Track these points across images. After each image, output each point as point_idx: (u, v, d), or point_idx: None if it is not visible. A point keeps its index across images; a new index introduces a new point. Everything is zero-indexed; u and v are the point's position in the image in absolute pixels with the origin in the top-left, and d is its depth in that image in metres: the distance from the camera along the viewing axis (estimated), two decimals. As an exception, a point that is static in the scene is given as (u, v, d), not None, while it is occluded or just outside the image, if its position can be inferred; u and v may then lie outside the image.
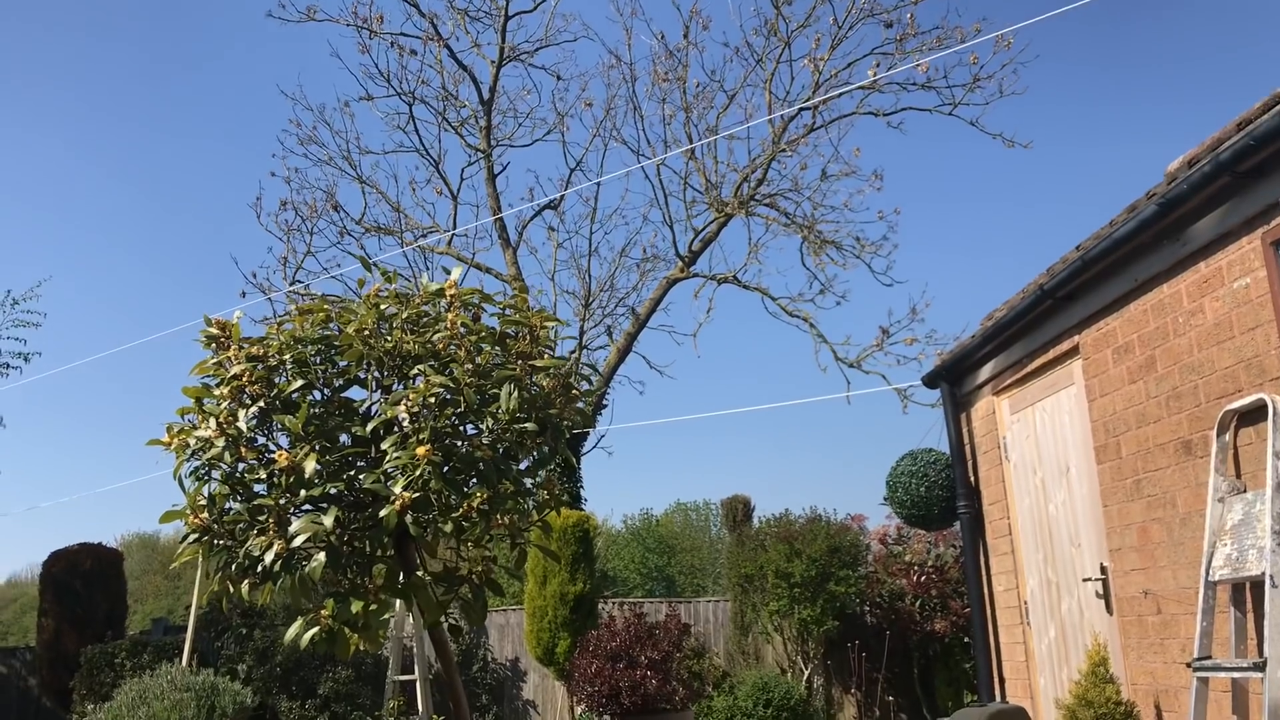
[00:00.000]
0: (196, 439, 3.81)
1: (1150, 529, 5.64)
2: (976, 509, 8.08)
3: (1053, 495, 6.91)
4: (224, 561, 3.81)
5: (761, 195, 17.41)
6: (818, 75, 16.82)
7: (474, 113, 18.41)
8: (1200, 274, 5.16)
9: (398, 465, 3.61)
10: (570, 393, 4.07)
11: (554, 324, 4.17)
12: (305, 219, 18.01)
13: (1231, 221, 4.87)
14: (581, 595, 11.97)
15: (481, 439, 3.79)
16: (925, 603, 12.03)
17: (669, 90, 17.69)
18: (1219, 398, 5.01)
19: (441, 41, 17.78)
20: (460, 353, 3.90)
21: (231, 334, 3.94)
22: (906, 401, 16.32)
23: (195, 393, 3.91)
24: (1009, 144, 16.33)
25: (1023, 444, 7.33)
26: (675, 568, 35.75)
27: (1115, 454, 5.98)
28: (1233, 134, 4.77)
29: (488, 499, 3.66)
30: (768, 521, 13.00)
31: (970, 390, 8.18)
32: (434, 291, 4.16)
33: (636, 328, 17.92)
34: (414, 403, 3.70)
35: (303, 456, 3.62)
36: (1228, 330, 4.94)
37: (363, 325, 3.95)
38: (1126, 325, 5.85)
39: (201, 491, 3.85)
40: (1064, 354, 6.61)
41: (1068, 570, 6.71)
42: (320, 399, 4.04)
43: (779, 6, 17.02)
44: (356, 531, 3.83)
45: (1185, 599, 5.30)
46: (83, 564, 14.16)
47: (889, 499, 8.75)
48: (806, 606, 11.61)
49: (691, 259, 17.80)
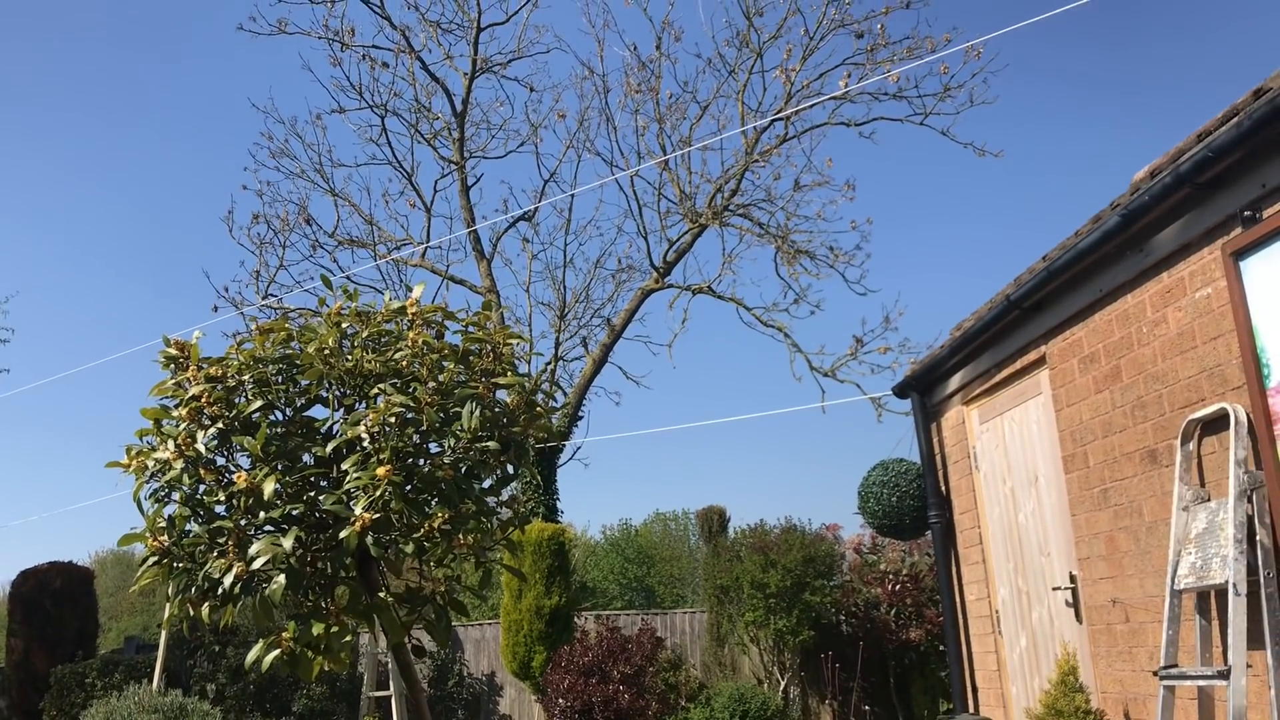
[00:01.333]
0: (155, 460, 3.77)
1: (1117, 538, 5.66)
2: (948, 518, 8.11)
3: (1022, 504, 6.94)
4: (184, 584, 3.76)
5: (735, 206, 17.47)
6: (789, 86, 16.91)
7: (447, 125, 18.41)
8: (1163, 284, 5.20)
9: (358, 485, 3.58)
10: (534, 410, 4.05)
11: (516, 340, 4.15)
12: (277, 232, 17.95)
13: (1192, 232, 4.90)
14: (557, 609, 11.93)
15: (443, 458, 3.77)
16: (900, 611, 12.06)
17: (642, 101, 17.76)
18: (1183, 407, 5.04)
19: (414, 54, 17.77)
20: (422, 371, 3.88)
21: (190, 355, 3.91)
22: (881, 410, 16.38)
23: (154, 414, 3.87)
24: (980, 153, 16.49)
25: (992, 453, 7.36)
26: (655, 578, 35.72)
27: (1083, 463, 6.01)
28: (1193, 145, 4.81)
29: (449, 519, 3.63)
30: (743, 532, 13.01)
31: (940, 400, 8.20)
32: (396, 309, 4.14)
33: (612, 339, 17.93)
34: (375, 422, 3.67)
35: (262, 478, 3.59)
36: (1190, 340, 4.98)
37: (323, 344, 3.92)
38: (1092, 335, 5.88)
39: (161, 513, 3.80)
40: (1031, 364, 6.64)
41: (1038, 579, 6.73)
42: (281, 419, 4.00)
43: (750, 18, 17.11)
44: (318, 553, 3.79)
45: (1152, 607, 5.32)
46: (52, 583, 14.01)
47: (861, 509, 8.77)
48: (782, 617, 11.61)
49: (666, 270, 17.83)
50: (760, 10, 17.09)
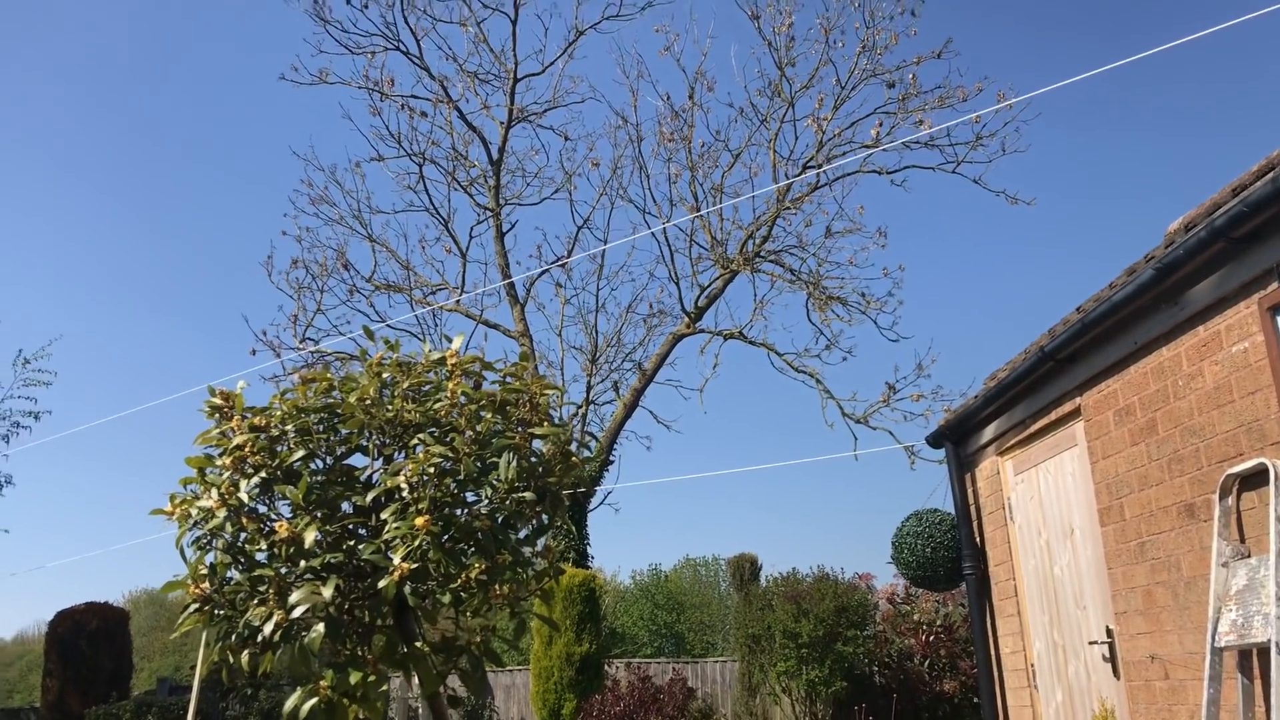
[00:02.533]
0: (199, 509, 3.83)
1: (1155, 592, 5.60)
2: (982, 570, 8.04)
3: (1058, 557, 6.88)
4: (224, 631, 3.81)
5: (767, 252, 17.56)
6: (821, 134, 17.04)
7: (483, 172, 18.66)
8: (1199, 337, 5.18)
9: (397, 535, 3.63)
10: (569, 460, 4.10)
11: (553, 391, 4.20)
12: (316, 277, 18.19)
13: (1228, 286, 4.90)
14: (587, 656, 11.89)
15: (480, 508, 3.81)
16: (934, 663, 11.93)
17: (674, 150, 17.95)
18: (1220, 461, 5.01)
19: (451, 104, 18.07)
20: (460, 421, 3.94)
21: (235, 404, 3.98)
22: (914, 458, 16.29)
23: (198, 463, 3.94)
24: (1013, 201, 16.51)
25: (1027, 505, 7.31)
26: (684, 625, 35.45)
27: (1119, 516, 5.97)
28: (1228, 199, 4.81)
29: (486, 569, 3.67)
30: (775, 580, 12.94)
31: (974, 450, 8.17)
32: (435, 360, 4.20)
33: (643, 383, 17.98)
34: (414, 472, 3.73)
35: (303, 527, 3.64)
36: (1228, 394, 4.95)
37: (364, 394, 3.99)
38: (1127, 387, 5.86)
39: (203, 561, 3.87)
40: (1066, 415, 6.62)
41: (1074, 633, 6.65)
42: (322, 467, 4.07)
43: (783, 68, 17.29)
44: (356, 601, 3.84)
45: (1192, 664, 5.25)
46: (88, 624, 14.12)
47: (895, 559, 8.72)
48: (814, 667, 11.51)
49: (698, 315, 17.89)
50: (793, 60, 17.29)
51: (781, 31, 17.18)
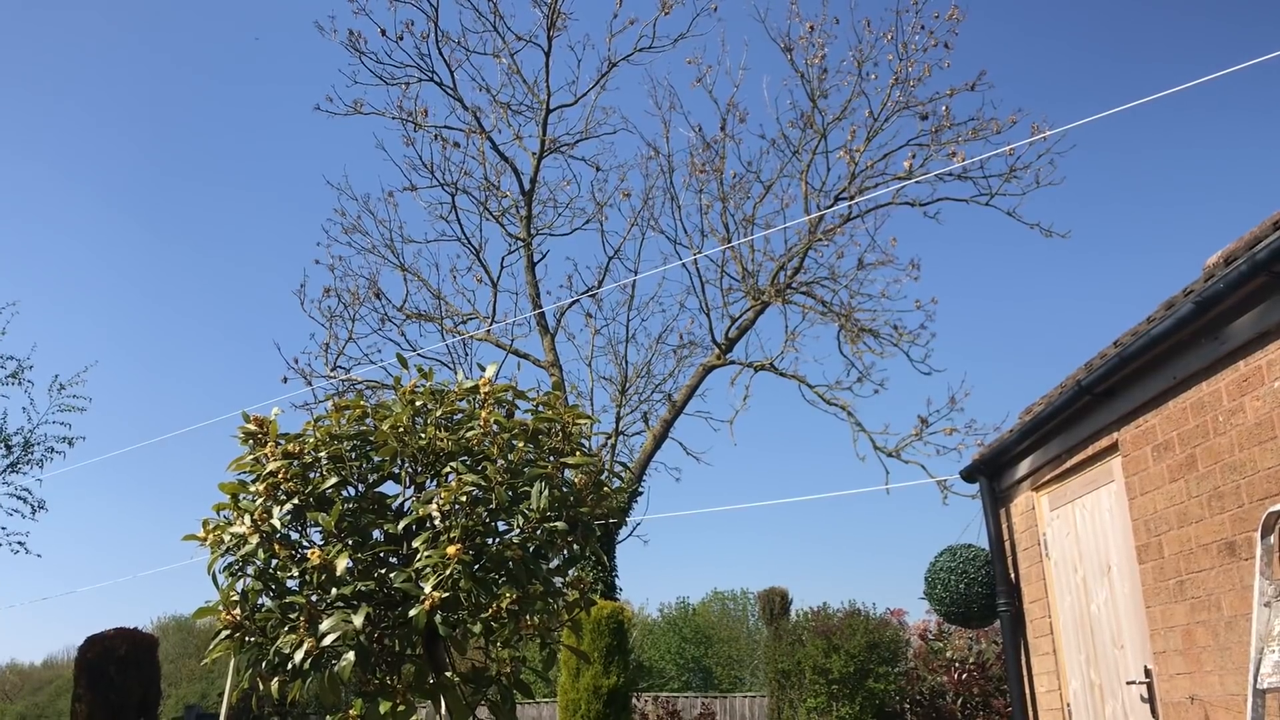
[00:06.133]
0: (231, 535, 3.84)
1: (1195, 632, 5.49)
2: (1017, 607, 7.92)
3: (1094, 594, 6.77)
4: (254, 658, 3.81)
5: (798, 283, 17.51)
6: (854, 166, 17.02)
7: (515, 202, 18.76)
8: (1240, 372, 5.11)
9: (429, 564, 3.62)
10: (601, 490, 4.08)
11: (585, 421, 4.19)
12: (348, 305, 18.31)
13: (1270, 320, 4.82)
14: (615, 689, 11.80)
15: (512, 537, 3.79)
16: (967, 701, 11.74)
17: (706, 181, 17.97)
18: (1262, 499, 4.91)
19: (484, 134, 18.21)
20: (493, 449, 3.93)
21: (269, 431, 4.00)
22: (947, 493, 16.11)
23: (232, 489, 3.96)
24: (1047, 234, 16.38)
25: (1063, 541, 7.21)
26: (712, 659, 35.15)
27: (1157, 553, 5.86)
28: (1269, 233, 4.75)
29: (517, 599, 3.65)
30: (805, 615, 12.82)
31: (1009, 485, 8.07)
32: (469, 388, 4.21)
33: (673, 414, 17.93)
34: (446, 501, 3.72)
35: (335, 554, 3.64)
36: (1270, 430, 4.87)
37: (398, 421, 3.99)
38: (1166, 423, 5.78)
39: (235, 587, 3.87)
40: (1103, 450, 6.53)
41: (1111, 672, 6.53)
42: (354, 495, 4.07)
43: (815, 99, 17.31)
44: (386, 630, 3.82)
45: (1234, 706, 5.13)
46: (118, 650, 14.18)
47: (928, 595, 8.61)
48: (845, 704, 11.37)
49: (728, 346, 17.85)
50: (825, 92, 17.30)
51: (814, 63, 17.24)
